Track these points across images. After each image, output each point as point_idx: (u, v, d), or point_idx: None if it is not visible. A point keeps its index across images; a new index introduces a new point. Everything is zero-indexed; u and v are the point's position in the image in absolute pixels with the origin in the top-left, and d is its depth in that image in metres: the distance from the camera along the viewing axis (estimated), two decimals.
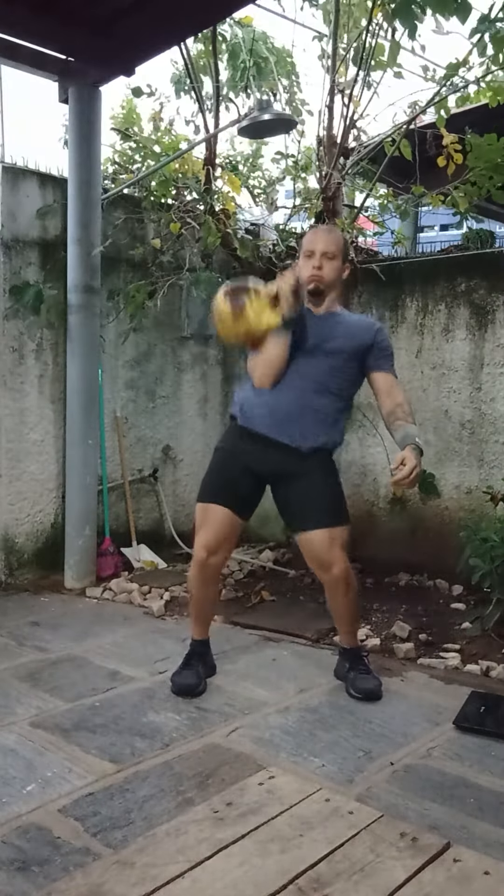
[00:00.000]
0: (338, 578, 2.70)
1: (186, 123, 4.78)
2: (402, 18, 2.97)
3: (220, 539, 2.75)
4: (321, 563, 2.70)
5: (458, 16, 2.92)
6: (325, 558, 2.68)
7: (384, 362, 2.78)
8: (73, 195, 4.02)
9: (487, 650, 3.18)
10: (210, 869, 1.75)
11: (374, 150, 4.39)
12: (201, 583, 2.81)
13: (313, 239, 2.79)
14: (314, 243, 2.76)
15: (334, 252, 2.75)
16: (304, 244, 2.80)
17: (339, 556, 2.68)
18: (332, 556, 2.67)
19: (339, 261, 2.77)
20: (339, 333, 2.76)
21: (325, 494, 2.73)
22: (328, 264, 2.74)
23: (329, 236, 2.80)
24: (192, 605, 2.93)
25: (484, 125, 4.12)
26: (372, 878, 1.72)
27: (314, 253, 2.74)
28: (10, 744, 2.38)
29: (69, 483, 4.17)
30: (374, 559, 4.26)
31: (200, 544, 2.75)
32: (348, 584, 2.74)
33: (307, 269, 2.74)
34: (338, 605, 2.80)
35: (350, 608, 2.81)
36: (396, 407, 2.72)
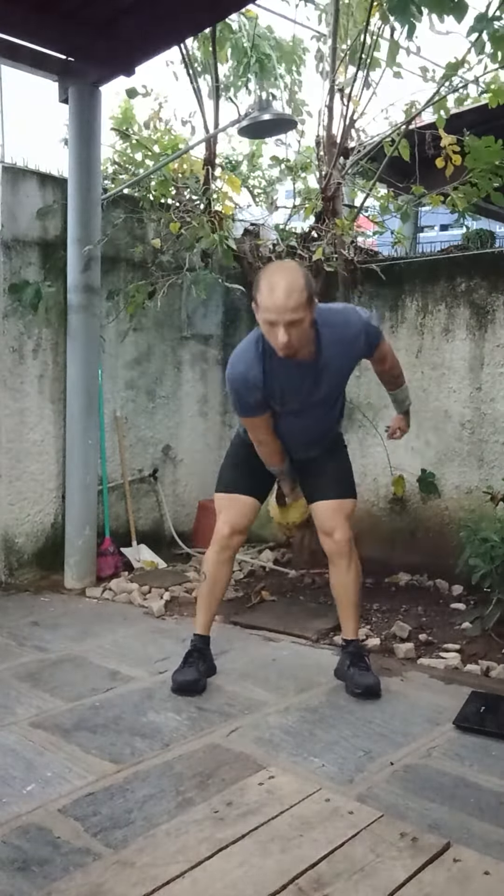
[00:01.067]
0: (341, 545, 2.82)
1: (183, 124, 4.79)
2: (398, 17, 2.97)
3: (243, 520, 2.89)
4: (325, 529, 2.86)
5: (455, 15, 2.92)
6: (329, 524, 2.84)
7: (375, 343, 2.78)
8: (73, 195, 4.02)
9: (487, 650, 3.18)
10: (210, 869, 1.75)
11: (373, 150, 4.39)
12: (219, 562, 2.89)
13: (272, 306, 2.42)
14: (276, 312, 2.42)
15: (299, 316, 2.44)
16: (263, 309, 2.46)
17: (343, 524, 2.84)
18: (335, 522, 2.83)
19: (305, 318, 2.46)
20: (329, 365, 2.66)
21: (334, 470, 2.93)
22: (295, 331, 2.46)
23: (289, 300, 2.40)
24: (203, 590, 2.95)
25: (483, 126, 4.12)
26: (372, 878, 1.72)
27: (277, 323, 2.43)
28: (10, 744, 2.38)
29: (69, 483, 4.17)
30: (374, 559, 4.25)
31: (225, 522, 2.86)
32: (351, 556, 2.84)
33: (273, 339, 2.48)
34: (341, 583, 2.86)
35: (353, 589, 2.86)
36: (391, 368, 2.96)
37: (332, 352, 2.64)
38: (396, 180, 4.66)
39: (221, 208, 4.37)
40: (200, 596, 2.96)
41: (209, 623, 2.94)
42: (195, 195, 4.48)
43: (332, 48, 4.32)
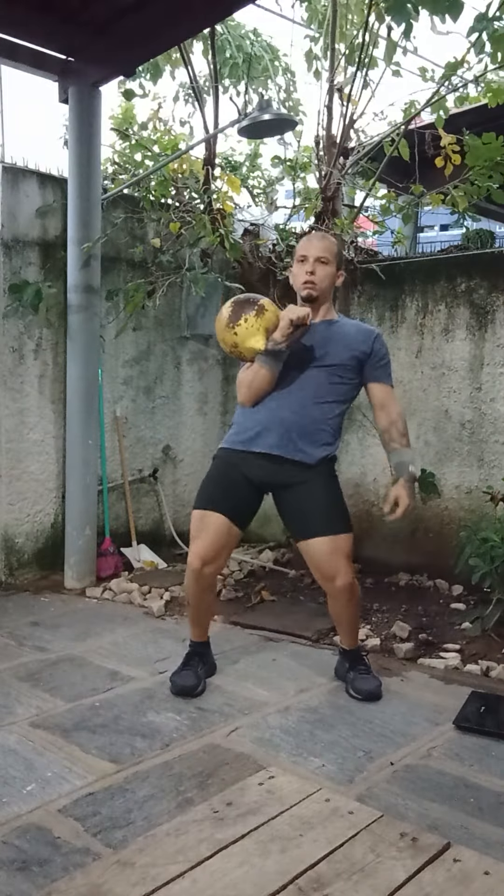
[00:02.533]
0: (341, 590, 2.68)
1: (182, 124, 4.80)
2: (395, 16, 2.97)
3: (216, 548, 2.71)
4: (324, 573, 2.68)
5: (451, 14, 2.92)
6: (328, 568, 2.66)
7: (381, 373, 2.78)
8: (73, 195, 4.02)
9: (487, 650, 3.18)
10: (210, 869, 1.75)
11: (373, 149, 4.39)
12: (197, 591, 2.79)
13: (307, 245, 2.77)
14: (308, 249, 2.74)
15: (328, 258, 2.73)
16: (298, 250, 2.79)
17: (344, 567, 2.66)
18: (336, 567, 2.65)
19: (332, 266, 2.75)
20: (336, 343, 2.73)
21: (327, 502, 2.70)
22: (322, 269, 2.72)
23: (323, 242, 2.77)
24: (190, 611, 2.92)
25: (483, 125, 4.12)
26: (372, 878, 1.72)
27: (307, 258, 2.73)
28: (10, 744, 2.38)
29: (69, 483, 4.17)
30: (374, 559, 4.26)
31: (196, 554, 2.72)
32: (352, 595, 2.72)
33: (301, 276, 2.73)
34: (339, 612, 2.80)
35: (351, 616, 2.81)
36: (391, 425, 2.76)
37: (342, 331, 2.77)
38: (396, 180, 4.66)
39: (222, 206, 4.37)
40: (190, 615, 2.94)
41: (204, 632, 2.92)
42: (195, 195, 4.48)
43: (330, 48, 4.32)
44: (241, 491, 2.75)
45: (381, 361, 2.78)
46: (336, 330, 2.78)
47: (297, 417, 2.68)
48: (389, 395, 2.79)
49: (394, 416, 2.76)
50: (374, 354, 2.75)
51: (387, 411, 2.77)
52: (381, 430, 2.79)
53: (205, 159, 4.52)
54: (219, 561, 2.76)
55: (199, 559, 2.71)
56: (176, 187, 4.51)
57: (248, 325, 2.59)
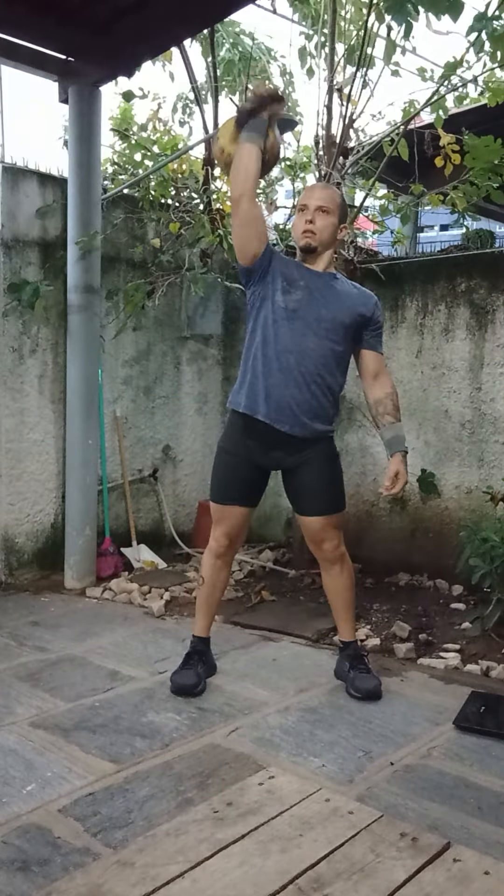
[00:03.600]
0: (329, 552, 2.80)
1: (181, 125, 4.80)
2: (394, 15, 2.97)
3: (239, 529, 2.86)
4: (314, 539, 2.83)
5: (450, 14, 2.92)
6: (319, 535, 2.80)
7: (376, 341, 2.78)
8: (73, 195, 4.03)
9: (487, 650, 3.18)
10: (210, 869, 1.75)
11: (372, 149, 4.39)
12: (216, 568, 2.87)
13: (308, 193, 2.70)
14: (309, 198, 2.67)
15: (329, 207, 2.64)
16: (300, 198, 2.74)
17: (332, 533, 2.79)
18: (324, 534, 2.79)
19: (334, 217, 2.66)
20: (336, 299, 2.68)
21: (324, 485, 2.80)
22: (322, 218, 2.63)
23: (325, 192, 2.70)
24: (201, 594, 2.93)
25: (482, 125, 4.12)
26: (372, 878, 1.72)
27: (308, 207, 2.64)
28: (10, 744, 2.38)
29: (69, 483, 4.17)
30: (374, 559, 4.26)
31: (222, 533, 2.83)
32: (343, 563, 2.82)
33: (300, 225, 2.65)
34: (334, 586, 2.85)
35: (346, 592, 2.86)
36: (386, 397, 2.76)
37: (342, 293, 2.72)
38: (396, 180, 4.66)
39: (221, 206, 4.37)
40: (199, 599, 2.95)
41: (208, 626, 2.94)
42: (195, 195, 4.48)
43: (329, 47, 4.32)
44: (249, 478, 2.82)
45: (377, 328, 2.78)
46: (338, 287, 2.73)
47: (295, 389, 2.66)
48: (383, 365, 2.81)
49: (389, 389, 2.77)
50: (373, 320, 2.75)
51: (381, 382, 2.77)
52: (375, 401, 2.77)
53: (204, 159, 4.52)
54: (240, 540, 2.94)
55: (224, 535, 2.83)
56: (175, 187, 4.51)
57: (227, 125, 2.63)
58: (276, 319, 2.66)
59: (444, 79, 4.04)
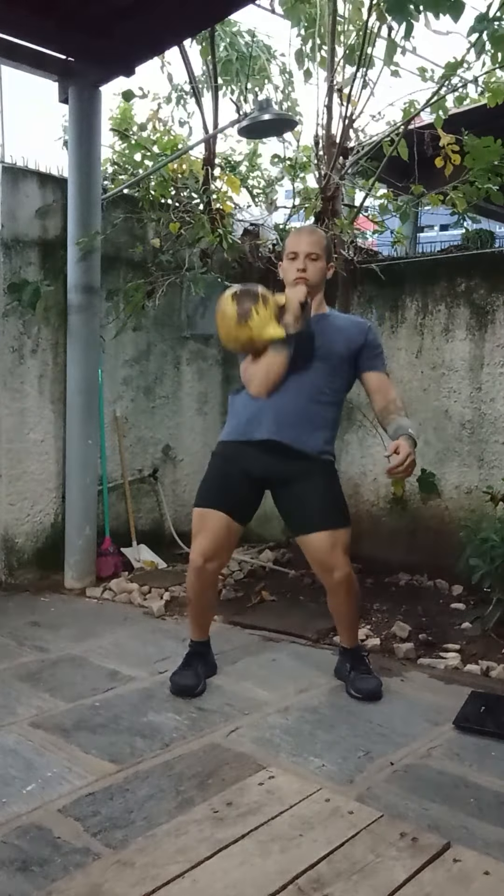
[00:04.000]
0: (340, 582, 2.69)
1: (181, 125, 4.80)
2: (395, 16, 2.97)
3: (217, 546, 2.73)
4: (323, 566, 2.69)
5: (451, 14, 2.92)
6: (327, 561, 2.67)
7: (376, 361, 2.80)
8: (73, 195, 4.03)
9: (487, 650, 3.18)
10: (210, 869, 1.75)
11: (372, 149, 4.39)
12: (199, 589, 2.80)
13: (296, 241, 2.77)
14: (297, 245, 2.75)
15: (318, 253, 2.73)
16: (288, 246, 2.79)
17: (342, 561, 2.67)
18: (334, 560, 2.66)
19: (322, 261, 2.76)
20: (329, 335, 2.75)
21: (326, 496, 2.71)
22: (312, 266, 2.73)
23: (312, 237, 2.77)
24: (191, 610, 2.93)
25: (482, 125, 4.12)
26: (372, 878, 1.72)
27: (298, 255, 2.73)
28: (10, 744, 2.38)
29: (69, 483, 4.17)
30: (374, 559, 4.26)
31: (197, 551, 2.74)
32: (350, 589, 2.73)
33: (291, 272, 2.74)
34: (339, 608, 2.81)
35: (351, 612, 2.81)
36: (389, 402, 2.76)
37: (336, 327, 2.77)
38: (396, 180, 4.66)
39: (221, 206, 4.38)
40: (190, 613, 2.94)
41: (205, 631, 2.92)
42: (195, 195, 4.48)
43: (329, 48, 4.32)
44: (240, 487, 2.75)
45: (375, 351, 2.80)
46: (330, 323, 2.79)
47: (294, 406, 2.68)
48: (385, 380, 2.82)
49: (392, 396, 2.78)
50: (368, 345, 2.78)
51: (383, 393, 2.79)
52: (379, 410, 2.78)
53: (204, 159, 4.52)
54: (220, 558, 2.79)
55: (200, 556, 2.73)
56: (175, 187, 4.51)
57: (261, 316, 2.57)
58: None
59: (445, 79, 4.04)
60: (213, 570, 2.77)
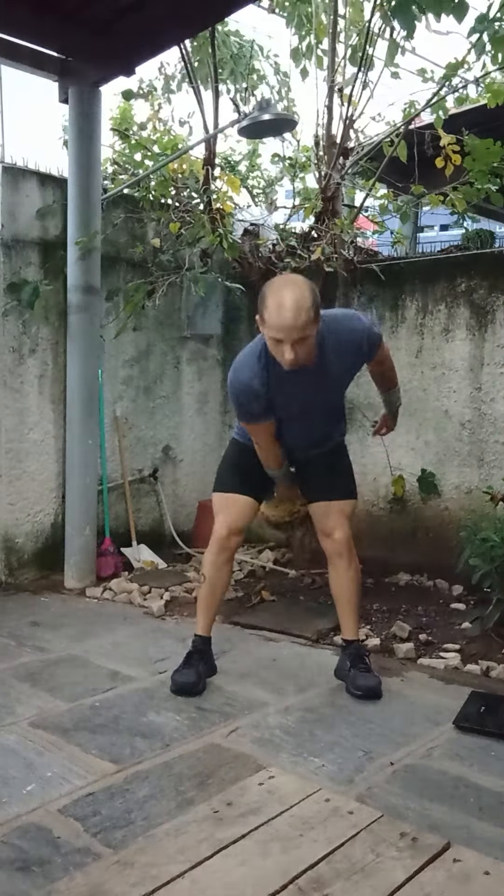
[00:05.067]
0: (339, 544, 2.83)
1: (181, 125, 4.80)
2: (400, 18, 2.97)
3: (242, 521, 2.87)
4: (324, 529, 2.86)
5: (455, 15, 2.92)
6: (329, 524, 2.84)
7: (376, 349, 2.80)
8: (73, 195, 4.02)
9: (487, 650, 3.18)
10: (210, 869, 1.75)
11: (372, 150, 4.40)
12: (218, 564, 2.88)
13: (279, 326, 2.42)
14: (281, 331, 2.42)
15: (305, 334, 2.44)
16: (270, 328, 2.45)
17: (342, 524, 2.84)
18: (335, 523, 2.84)
19: (310, 336, 2.47)
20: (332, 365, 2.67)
21: (335, 471, 2.91)
22: (301, 347, 2.46)
23: (297, 321, 2.40)
24: (203, 592, 2.94)
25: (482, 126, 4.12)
26: (372, 878, 1.72)
27: (284, 342, 2.44)
28: (10, 744, 2.38)
29: (69, 483, 4.17)
30: (374, 559, 4.25)
31: (223, 524, 2.85)
32: (350, 556, 2.84)
33: (279, 355, 2.49)
34: (340, 582, 2.86)
35: (352, 589, 2.87)
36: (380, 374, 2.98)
37: (335, 357, 2.66)
38: (396, 180, 4.66)
39: (221, 206, 4.38)
40: (200, 598, 2.96)
41: (210, 624, 2.94)
42: (195, 195, 4.48)
43: (330, 48, 4.32)
44: (258, 470, 2.87)
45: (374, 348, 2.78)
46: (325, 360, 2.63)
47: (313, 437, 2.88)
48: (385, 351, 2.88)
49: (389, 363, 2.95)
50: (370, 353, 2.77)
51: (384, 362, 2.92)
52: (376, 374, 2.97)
53: (204, 159, 4.52)
54: (242, 534, 2.93)
55: (226, 527, 2.85)
56: (176, 187, 4.51)
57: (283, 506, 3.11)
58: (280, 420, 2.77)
59: (445, 80, 4.04)
60: (234, 546, 2.90)
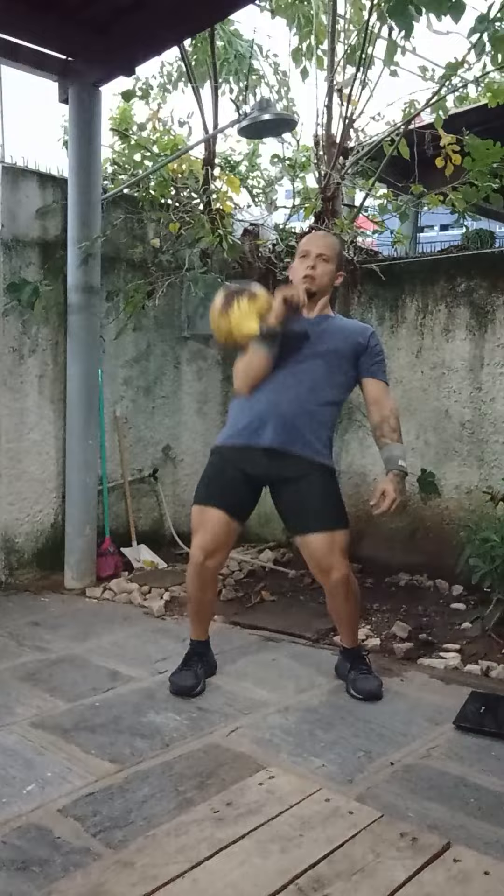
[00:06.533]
0: (337, 583, 2.70)
1: (181, 125, 4.80)
2: (397, 18, 2.97)
3: (217, 542, 2.75)
4: (321, 567, 2.70)
5: (452, 15, 2.92)
6: (325, 562, 2.68)
7: (376, 369, 2.80)
8: (73, 195, 4.03)
9: (487, 650, 3.18)
10: (210, 869, 1.75)
11: (372, 149, 4.39)
12: (199, 586, 2.80)
13: (309, 241, 2.81)
14: (310, 245, 2.78)
15: (329, 255, 2.75)
16: (301, 246, 2.82)
17: (340, 561, 2.68)
18: (331, 561, 2.67)
19: (333, 265, 2.77)
20: (332, 335, 2.76)
21: (324, 497, 2.72)
22: (322, 266, 2.74)
23: (325, 240, 2.83)
24: (191, 607, 2.93)
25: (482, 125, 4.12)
26: (372, 878, 1.72)
27: (309, 253, 2.75)
28: (10, 744, 2.38)
29: (69, 483, 4.17)
30: (374, 559, 4.26)
31: (197, 546, 2.76)
32: (348, 589, 2.73)
33: (300, 270, 2.75)
34: (338, 609, 2.81)
35: (350, 612, 2.81)
36: (383, 421, 2.76)
37: (338, 331, 2.78)
38: (396, 180, 4.65)
39: (221, 206, 4.38)
40: (190, 612, 2.94)
41: (204, 631, 2.92)
42: (195, 195, 4.48)
43: (329, 48, 4.32)
44: (238, 486, 2.77)
45: (376, 357, 2.80)
46: (332, 323, 2.82)
47: (296, 409, 2.68)
48: (383, 392, 2.80)
49: (386, 412, 2.76)
50: (369, 349, 2.78)
51: (379, 406, 2.77)
52: (374, 426, 2.79)
53: (204, 159, 4.52)
54: (220, 555, 2.80)
55: (201, 551, 2.75)
56: (175, 187, 4.51)
57: (241, 310, 2.60)
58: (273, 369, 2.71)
59: (445, 79, 4.04)
60: (213, 568, 2.78)
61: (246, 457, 2.74)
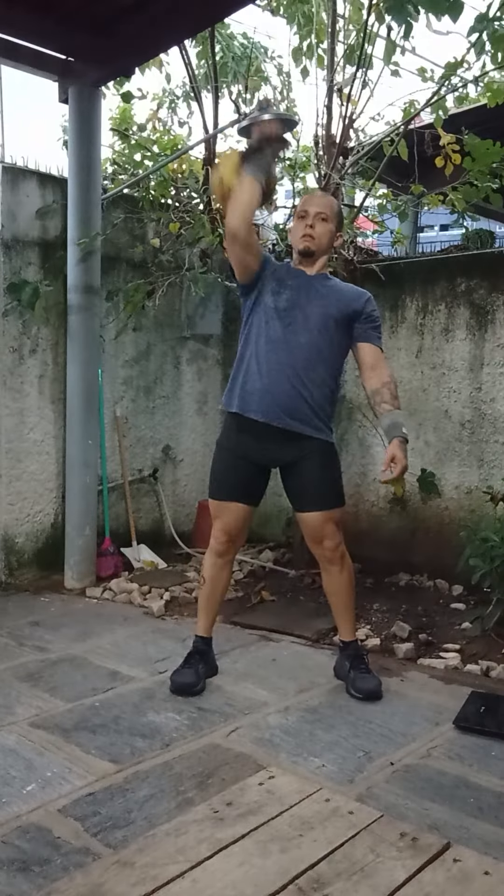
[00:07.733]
0: (330, 553, 2.79)
1: (181, 125, 4.80)
2: (395, 16, 2.97)
3: (239, 526, 2.85)
4: (314, 538, 2.82)
5: (450, 14, 2.93)
6: (319, 533, 2.79)
7: (372, 334, 2.79)
8: (73, 195, 4.02)
9: (487, 650, 3.18)
10: (210, 869, 1.75)
11: (372, 149, 4.39)
12: (217, 567, 2.87)
13: (308, 201, 2.82)
14: (308, 205, 2.78)
15: (328, 215, 2.76)
16: (299, 206, 2.84)
17: (332, 531, 2.78)
18: (324, 531, 2.78)
19: (332, 224, 2.77)
20: (329, 295, 2.76)
21: (324, 478, 2.80)
22: (321, 225, 2.74)
23: (324, 199, 2.84)
24: (203, 593, 2.94)
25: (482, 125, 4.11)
26: (372, 878, 1.72)
27: (308, 213, 2.76)
28: (10, 744, 2.38)
29: (69, 483, 4.17)
30: (374, 559, 4.26)
31: (221, 528, 2.84)
32: (342, 561, 2.82)
33: (299, 230, 2.77)
34: (333, 587, 2.85)
35: (346, 592, 2.85)
36: (383, 386, 2.75)
37: (335, 293, 2.78)
38: (396, 180, 4.65)
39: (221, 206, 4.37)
40: (201, 599, 2.96)
41: (211, 625, 2.94)
42: (194, 195, 4.48)
43: (329, 47, 4.32)
44: (248, 476, 2.84)
45: (372, 322, 2.80)
46: (331, 285, 2.82)
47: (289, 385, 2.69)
48: (380, 357, 2.80)
49: (385, 378, 2.76)
50: (365, 314, 2.78)
51: (378, 372, 2.77)
52: (372, 391, 2.77)
53: (204, 159, 4.52)
54: (240, 539, 2.91)
55: (223, 532, 2.83)
56: (175, 187, 4.51)
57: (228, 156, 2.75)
58: (267, 320, 2.73)
59: (445, 79, 4.04)
60: (233, 550, 2.90)
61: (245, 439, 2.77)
